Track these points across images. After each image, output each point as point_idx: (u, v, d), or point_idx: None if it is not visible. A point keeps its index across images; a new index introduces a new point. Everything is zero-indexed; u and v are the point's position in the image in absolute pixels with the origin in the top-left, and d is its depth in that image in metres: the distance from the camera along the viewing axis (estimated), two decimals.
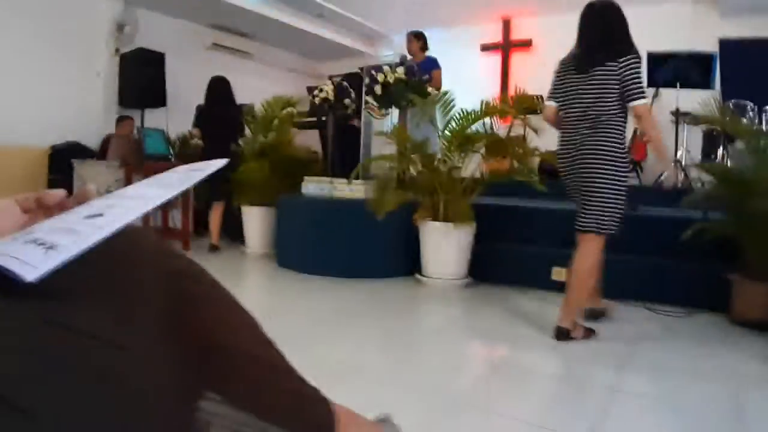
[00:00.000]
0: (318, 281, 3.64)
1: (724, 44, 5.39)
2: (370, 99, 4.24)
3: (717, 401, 1.85)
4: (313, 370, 0.87)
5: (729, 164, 4.23)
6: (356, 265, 3.79)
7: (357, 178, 3.94)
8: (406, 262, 3.83)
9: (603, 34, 2.54)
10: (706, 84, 4.51)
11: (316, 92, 4.68)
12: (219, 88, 4.71)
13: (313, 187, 4.15)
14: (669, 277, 3.31)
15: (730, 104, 4.47)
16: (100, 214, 0.53)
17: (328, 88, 4.59)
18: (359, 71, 5.05)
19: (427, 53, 5.23)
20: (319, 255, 3.87)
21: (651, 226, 3.69)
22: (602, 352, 2.38)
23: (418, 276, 3.71)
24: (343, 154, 4.62)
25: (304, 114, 5.28)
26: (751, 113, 5.05)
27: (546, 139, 4.12)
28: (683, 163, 5.06)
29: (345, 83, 4.72)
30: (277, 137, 4.79)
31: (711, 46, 5.41)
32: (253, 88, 6.37)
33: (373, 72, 4.14)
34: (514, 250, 3.81)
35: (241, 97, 4.92)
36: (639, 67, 2.42)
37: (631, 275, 3.39)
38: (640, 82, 2.41)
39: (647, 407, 1.80)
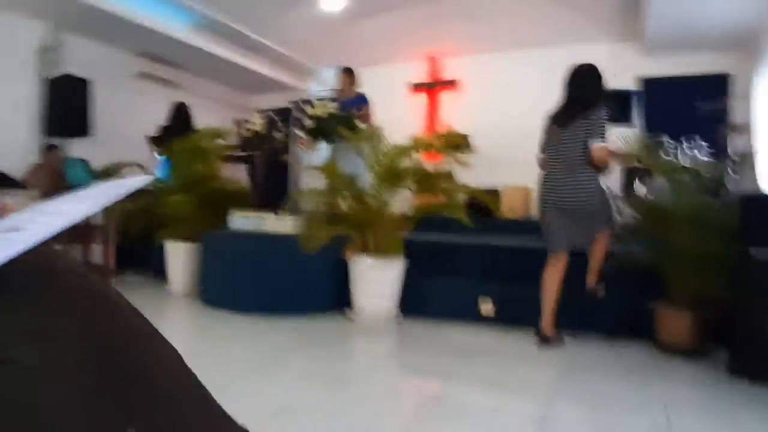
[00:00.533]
0: (245, 319, 3.48)
1: (645, 82, 5.85)
2: (300, 132, 4.21)
3: (650, 429, 1.90)
4: (242, 412, 0.80)
5: (647, 197, 4.51)
6: (285, 301, 3.68)
7: (286, 212, 3.86)
8: (337, 297, 3.76)
9: (580, 95, 3.23)
10: (626, 120, 4.81)
11: (247, 125, 4.59)
12: (183, 112, 4.99)
13: (240, 221, 4.02)
14: (590, 307, 3.43)
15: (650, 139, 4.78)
16: (16, 229, 0.51)
17: (258, 121, 4.52)
18: (289, 105, 5.03)
19: (358, 90, 5.29)
20: (246, 292, 3.72)
21: (576, 258, 3.85)
22: (534, 383, 2.41)
23: (348, 312, 3.65)
24: (272, 187, 4.54)
25: (232, 147, 5.16)
26: (669, 148, 5.46)
27: (474, 175, 4.25)
28: None
29: (275, 116, 4.67)
30: (205, 169, 4.62)
31: (631, 84, 5.82)
32: None
33: (303, 106, 4.13)
34: (443, 284, 3.85)
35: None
36: (605, 120, 3.05)
37: (557, 306, 3.49)
38: (602, 131, 3.03)
39: None
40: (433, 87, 8.40)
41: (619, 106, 4.93)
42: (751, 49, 6.50)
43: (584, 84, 3.25)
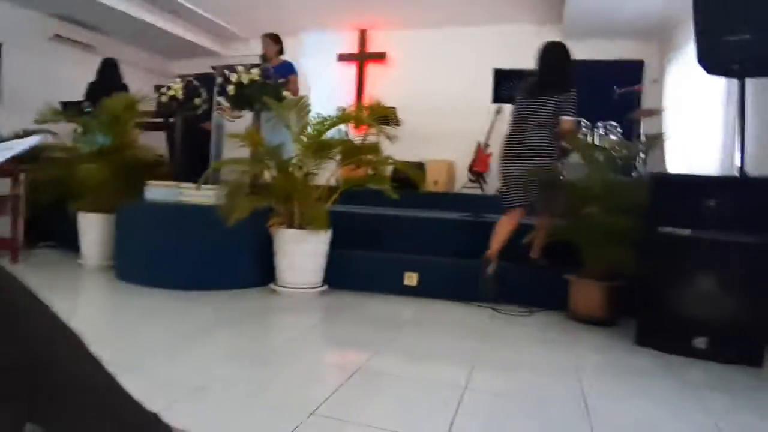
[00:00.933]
0: (164, 295, 3.31)
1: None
2: (222, 100, 4.01)
3: (563, 392, 2.00)
4: (157, 392, 0.74)
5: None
6: (206, 276, 3.53)
7: (207, 182, 3.69)
8: (261, 271, 3.66)
9: (555, 72, 3.50)
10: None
11: (163, 90, 4.31)
12: (111, 68, 5.14)
13: (158, 192, 3.79)
14: (511, 279, 3.56)
15: None
16: None
17: (177, 87, 4.25)
18: (212, 71, 4.78)
19: (284, 57, 5.10)
20: (164, 266, 3.54)
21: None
22: (455, 352, 2.47)
23: (273, 286, 3.57)
24: (193, 157, 4.32)
25: (150, 113, 4.84)
26: (584, 129, 5.71)
27: (399, 148, 4.24)
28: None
29: (195, 82, 4.42)
30: (119, 137, 4.31)
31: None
32: None
33: (227, 72, 3.93)
34: (369, 256, 3.85)
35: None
36: (575, 99, 3.41)
37: (477, 279, 3.59)
38: (574, 109, 3.41)
39: (499, 404, 1.87)
40: (361, 58, 8.29)
41: None
42: (663, 38, 6.89)
43: (557, 61, 3.54)
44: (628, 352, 2.63)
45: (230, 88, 3.85)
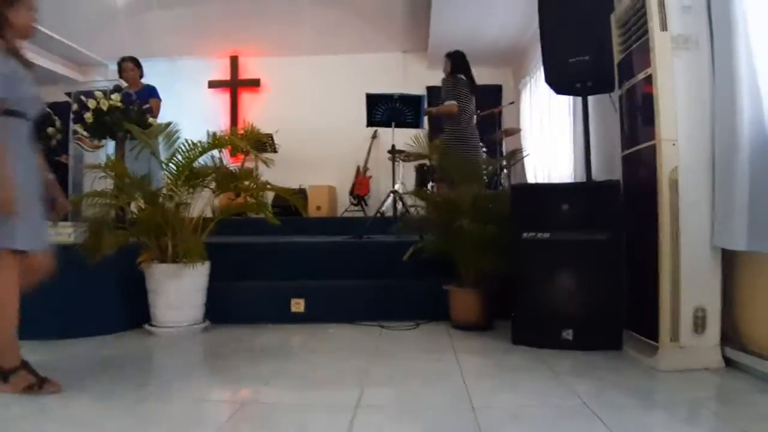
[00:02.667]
0: (23, 347, 2.90)
1: (429, 90, 6.44)
2: (79, 128, 3.68)
3: (450, 396, 2.07)
4: None
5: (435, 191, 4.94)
6: (71, 322, 3.15)
7: (65, 219, 3.33)
8: (134, 312, 3.37)
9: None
10: (416, 123, 5.17)
11: None
12: None
13: None
14: (397, 296, 3.63)
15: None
16: None
17: None
18: (67, 98, 4.39)
19: (145, 81, 4.82)
20: (22, 314, 3.11)
21: (377, 251, 4.03)
22: (344, 374, 2.44)
23: (148, 327, 3.30)
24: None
25: None
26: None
27: (280, 175, 4.18)
28: (400, 193, 5.66)
29: (47, 109, 4.02)
30: None
31: (420, 90, 6.34)
32: None
33: (83, 98, 3.62)
34: (253, 286, 3.72)
35: None
36: None
37: (363, 298, 3.62)
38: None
39: (390, 417, 1.88)
40: (234, 85, 8.13)
41: (410, 110, 5.28)
42: (516, 64, 7.57)
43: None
44: (505, 351, 2.80)
45: (88, 116, 3.55)
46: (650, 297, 2.42)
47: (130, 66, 4.69)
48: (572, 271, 2.79)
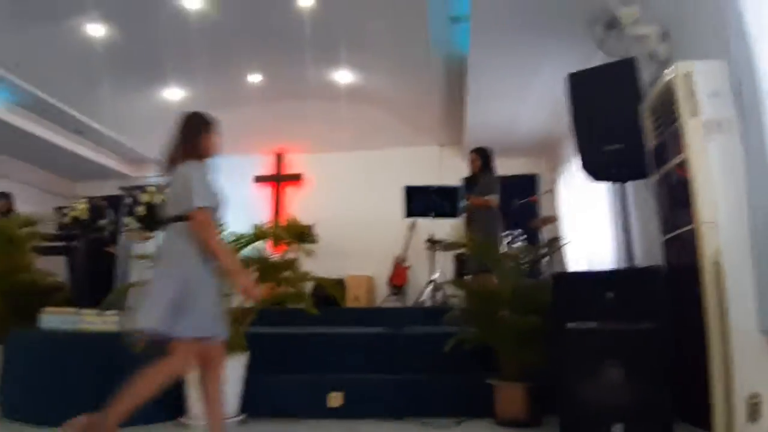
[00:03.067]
0: None
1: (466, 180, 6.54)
2: (131, 221, 3.89)
3: None
4: None
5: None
6: None
7: (111, 307, 3.44)
8: (168, 404, 3.34)
9: None
10: (453, 213, 5.23)
11: (65, 211, 4.13)
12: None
13: (54, 319, 3.47)
14: (438, 390, 3.49)
15: None
16: None
17: (81, 207, 4.10)
18: (121, 192, 4.67)
19: None
20: (58, 402, 3.12)
21: (416, 343, 3.94)
22: None
23: (183, 420, 3.26)
24: (95, 281, 4.05)
25: (48, 237, 4.58)
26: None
27: (318, 266, 4.24)
28: (439, 282, 5.64)
29: (102, 202, 4.29)
30: (12, 260, 3.99)
31: (456, 181, 6.48)
32: None
33: (136, 192, 3.86)
34: (290, 379, 3.65)
35: None
36: None
37: (403, 392, 3.49)
38: None
39: None
40: (278, 180, 8.51)
41: (447, 201, 5.37)
42: (552, 153, 7.68)
43: None
44: None
45: (140, 209, 3.76)
46: (700, 386, 2.27)
47: None
48: (619, 362, 2.64)
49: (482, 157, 5.02)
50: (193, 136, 2.57)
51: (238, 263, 2.37)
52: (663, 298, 2.65)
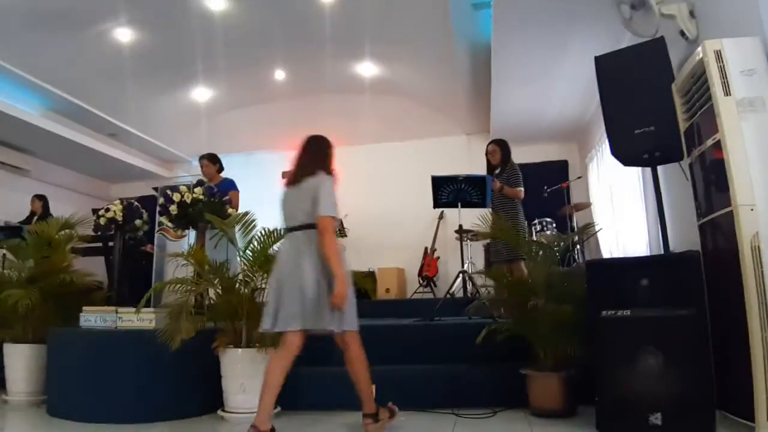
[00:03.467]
0: (99, 430, 3.02)
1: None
2: (164, 220, 3.98)
3: None
4: None
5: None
6: (147, 406, 3.26)
7: (147, 306, 3.54)
8: (207, 398, 3.43)
9: None
10: (482, 203, 5.18)
11: (101, 212, 4.25)
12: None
13: (94, 318, 3.60)
14: (472, 381, 3.48)
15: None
16: None
17: (116, 208, 4.21)
18: (154, 192, 4.80)
19: (225, 175, 5.20)
20: (100, 398, 3.26)
21: (448, 334, 3.94)
22: None
23: (221, 412, 3.34)
24: (133, 281, 4.18)
25: (87, 238, 4.73)
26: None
27: (349, 259, 4.25)
28: (470, 273, 5.58)
29: (136, 203, 4.40)
30: (52, 262, 4.15)
31: (484, 170, 6.42)
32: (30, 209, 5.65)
33: (169, 192, 3.95)
34: (323, 372, 3.69)
35: (14, 216, 4.31)
36: None
37: (436, 384, 3.50)
38: None
39: None
40: None
41: (476, 190, 5.31)
42: (581, 139, 7.53)
43: None
44: None
45: (173, 208, 3.85)
46: (742, 373, 2.20)
47: (204, 162, 5.11)
48: (656, 350, 2.57)
49: (502, 148, 5.11)
50: (322, 155, 3.03)
51: (345, 273, 2.63)
52: (699, 284, 2.57)
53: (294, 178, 2.93)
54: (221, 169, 5.20)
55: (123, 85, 6.31)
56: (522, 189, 4.96)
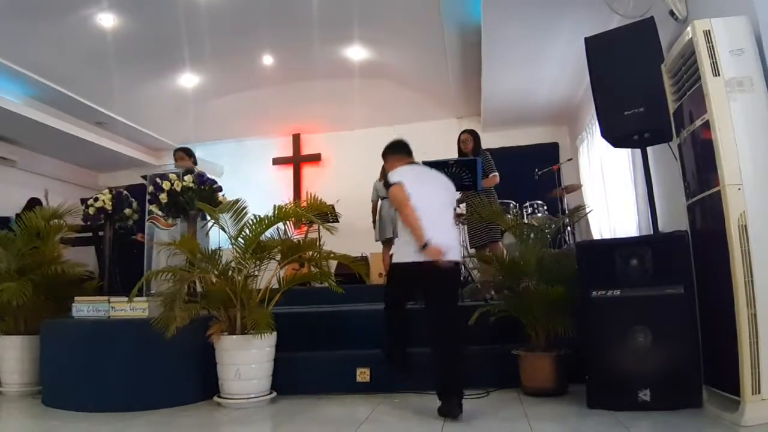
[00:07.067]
0: (97, 420, 3.03)
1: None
2: (154, 208, 3.95)
3: None
4: None
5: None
6: (142, 395, 3.28)
7: (139, 295, 3.53)
8: (203, 384, 3.45)
9: None
10: (474, 185, 5.19)
11: (90, 201, 4.21)
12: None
13: (86, 308, 3.59)
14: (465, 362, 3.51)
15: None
16: None
17: (105, 197, 4.17)
18: (143, 180, 4.74)
19: (215, 161, 5.15)
20: (95, 388, 3.27)
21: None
22: None
23: (217, 399, 3.35)
24: (124, 269, 4.15)
25: (76, 228, 4.69)
26: (514, 210, 5.98)
27: (342, 245, 4.27)
28: (462, 256, 5.61)
29: (125, 192, 4.36)
30: (42, 253, 4.11)
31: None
32: (17, 200, 5.58)
33: (158, 180, 3.91)
34: (318, 356, 3.73)
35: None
36: None
37: (429, 365, 3.52)
38: None
39: None
40: (297, 161, 8.55)
41: (467, 173, 5.30)
42: (572, 121, 7.54)
43: None
44: (581, 416, 2.65)
45: (163, 196, 3.82)
46: (728, 349, 2.25)
47: (179, 155, 5.04)
48: (645, 328, 2.64)
49: (475, 138, 5.24)
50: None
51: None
52: (688, 263, 2.62)
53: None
54: (195, 163, 5.14)
55: (108, 72, 6.21)
56: (497, 174, 5.13)
